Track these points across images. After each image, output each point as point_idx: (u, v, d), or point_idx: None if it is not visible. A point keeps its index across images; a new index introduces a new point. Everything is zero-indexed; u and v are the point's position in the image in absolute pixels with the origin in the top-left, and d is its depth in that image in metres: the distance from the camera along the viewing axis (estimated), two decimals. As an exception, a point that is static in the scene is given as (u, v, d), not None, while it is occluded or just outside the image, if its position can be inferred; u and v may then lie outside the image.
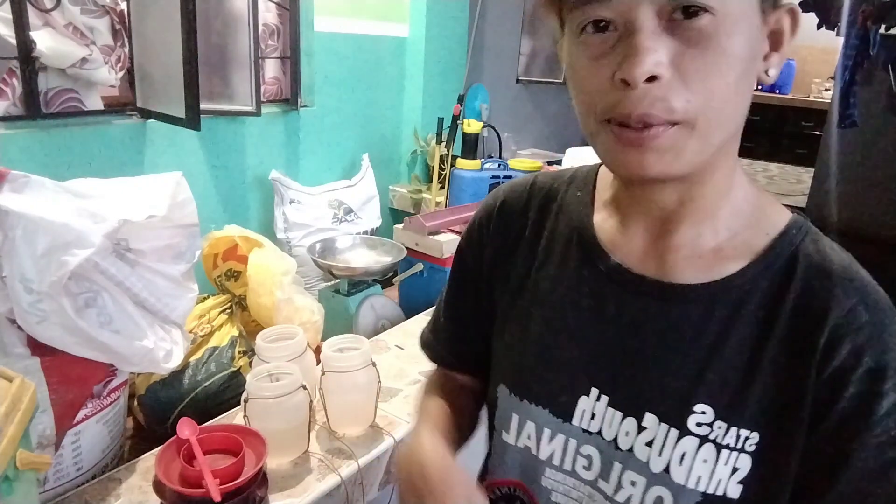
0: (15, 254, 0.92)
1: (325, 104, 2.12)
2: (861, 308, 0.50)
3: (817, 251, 0.53)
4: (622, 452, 0.56)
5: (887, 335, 0.49)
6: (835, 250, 0.53)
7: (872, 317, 0.50)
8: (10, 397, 0.71)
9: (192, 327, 1.31)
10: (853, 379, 0.49)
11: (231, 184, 1.87)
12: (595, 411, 0.58)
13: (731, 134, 0.51)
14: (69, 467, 1.02)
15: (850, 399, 0.49)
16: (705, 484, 0.53)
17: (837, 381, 0.49)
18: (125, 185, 1.11)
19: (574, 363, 0.60)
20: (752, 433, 0.52)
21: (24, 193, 0.95)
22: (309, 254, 1.73)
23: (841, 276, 0.51)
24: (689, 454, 0.53)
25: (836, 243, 0.55)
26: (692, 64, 0.45)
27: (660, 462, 0.54)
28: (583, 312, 0.60)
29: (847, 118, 4.72)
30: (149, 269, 1.08)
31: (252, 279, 1.36)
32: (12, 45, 1.39)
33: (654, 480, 0.55)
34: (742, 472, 0.52)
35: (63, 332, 0.96)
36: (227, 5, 1.75)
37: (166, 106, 1.53)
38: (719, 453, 0.52)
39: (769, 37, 0.50)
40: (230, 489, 0.90)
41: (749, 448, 0.52)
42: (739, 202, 0.55)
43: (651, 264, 0.57)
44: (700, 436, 0.53)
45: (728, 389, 0.52)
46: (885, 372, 0.49)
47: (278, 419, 1.05)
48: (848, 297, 0.50)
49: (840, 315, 0.50)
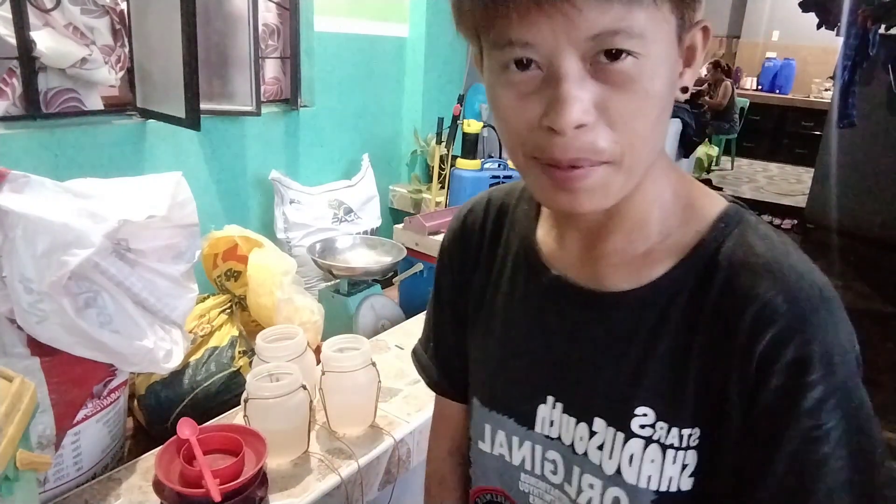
0: (15, 254, 0.92)
1: (325, 104, 2.12)
2: (780, 299, 0.48)
3: (742, 244, 0.51)
4: (579, 456, 0.58)
5: (811, 326, 0.48)
6: (766, 239, 0.52)
7: (793, 307, 0.48)
8: (10, 397, 0.71)
9: (192, 327, 1.31)
10: (776, 370, 0.48)
11: (231, 184, 1.87)
12: (553, 418, 0.60)
13: (654, 159, 0.52)
14: (69, 467, 1.02)
15: (774, 391, 0.48)
16: (657, 483, 0.53)
17: (761, 374, 0.48)
18: (125, 185, 1.11)
19: (529, 373, 0.62)
20: (694, 429, 0.52)
21: (24, 193, 0.95)
22: (309, 254, 1.73)
23: (763, 268, 0.50)
24: (636, 455, 0.54)
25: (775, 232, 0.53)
26: (617, 107, 0.45)
27: (611, 464, 0.55)
28: (532, 324, 0.62)
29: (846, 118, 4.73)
30: (149, 269, 1.08)
31: (252, 279, 1.36)
32: (12, 45, 1.39)
33: (609, 482, 0.56)
34: (691, 467, 0.53)
35: (63, 332, 0.96)
36: (227, 5, 1.75)
37: (166, 106, 1.53)
38: (665, 453, 0.53)
39: (684, 54, 0.50)
40: (230, 489, 0.90)
41: (693, 443, 0.52)
42: (669, 204, 0.55)
43: (586, 274, 0.58)
44: (644, 437, 0.54)
45: (665, 391, 0.53)
46: (808, 363, 0.47)
47: (278, 419, 1.05)
48: (767, 289, 0.49)
49: (758, 308, 0.49)
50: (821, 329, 0.48)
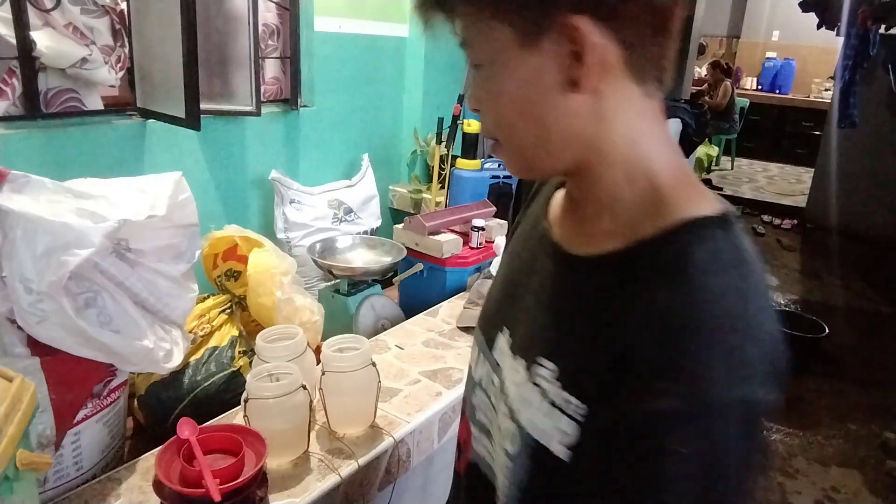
0: (15, 254, 0.92)
1: (325, 104, 2.12)
2: (674, 312, 0.48)
3: (684, 253, 0.51)
4: (504, 385, 0.64)
5: (686, 374, 0.47)
6: (716, 261, 0.50)
7: (678, 321, 0.48)
8: (10, 397, 0.71)
9: (192, 327, 1.32)
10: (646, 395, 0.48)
11: (231, 184, 1.87)
12: (501, 347, 0.67)
13: (547, 147, 0.57)
14: (69, 467, 1.02)
15: (640, 414, 0.48)
16: (539, 434, 0.56)
17: (636, 379, 0.49)
18: (125, 185, 1.11)
19: (501, 303, 0.70)
20: (582, 404, 0.53)
21: (24, 193, 0.95)
22: (309, 254, 1.73)
23: (679, 278, 0.50)
24: (531, 401, 0.58)
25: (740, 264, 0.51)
26: (486, 103, 0.58)
27: (515, 401, 0.61)
28: (521, 263, 0.70)
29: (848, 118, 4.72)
30: (149, 269, 1.08)
31: (252, 279, 1.36)
32: (12, 45, 1.39)
33: (511, 416, 0.61)
34: (571, 439, 0.53)
35: (63, 332, 0.96)
36: (227, 5, 1.75)
37: (166, 106, 1.53)
38: (552, 410, 0.55)
39: (570, 56, 0.51)
40: (230, 489, 0.90)
41: (577, 417, 0.53)
42: (642, 197, 0.56)
43: (561, 233, 0.64)
44: (540, 388, 0.57)
45: (572, 356, 0.56)
46: (667, 374, 0.47)
47: (278, 419, 1.05)
48: (668, 299, 0.49)
49: (652, 314, 0.49)
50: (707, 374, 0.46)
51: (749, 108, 8.09)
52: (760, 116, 8.40)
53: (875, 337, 3.91)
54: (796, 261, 5.24)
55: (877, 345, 3.81)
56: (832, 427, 2.93)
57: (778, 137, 8.62)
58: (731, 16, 8.88)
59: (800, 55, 8.71)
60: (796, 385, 3.30)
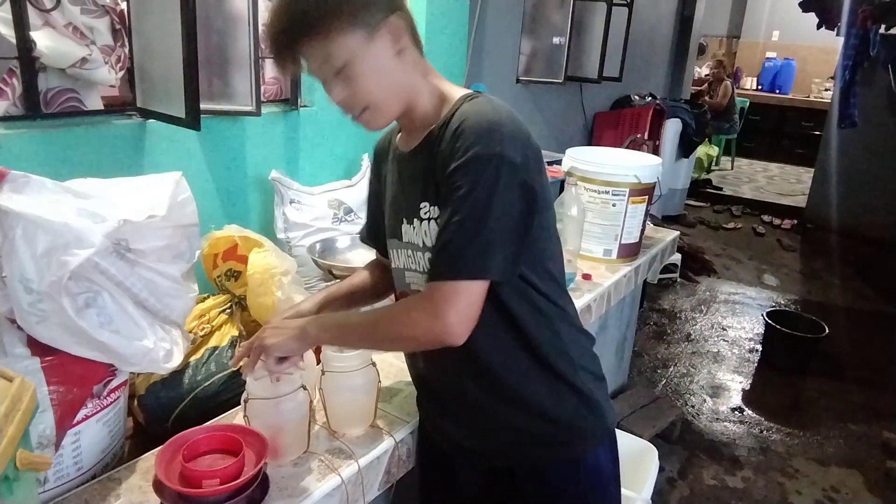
0: (15, 254, 0.92)
1: (325, 104, 2.12)
2: (457, 121, 0.93)
3: (460, 107, 0.96)
4: (411, 244, 1.03)
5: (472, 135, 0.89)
6: (475, 105, 0.94)
7: (459, 126, 0.91)
8: (10, 397, 0.71)
9: (192, 327, 1.32)
10: (451, 159, 0.90)
11: (231, 184, 1.86)
12: (405, 229, 1.04)
13: (403, 93, 0.98)
14: (69, 467, 1.02)
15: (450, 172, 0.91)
16: (430, 241, 0.98)
17: (445, 164, 0.92)
18: (125, 185, 1.11)
19: (396, 208, 1.08)
20: (433, 207, 0.98)
21: (24, 193, 0.95)
22: (309, 254, 1.73)
23: (461, 114, 0.93)
24: (424, 229, 0.99)
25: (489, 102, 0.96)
26: (352, 87, 0.94)
27: (417, 239, 1.01)
28: (394, 178, 1.09)
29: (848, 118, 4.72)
30: (149, 269, 1.08)
31: (252, 279, 1.36)
32: (12, 45, 1.39)
33: (419, 249, 1.01)
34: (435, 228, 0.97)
35: (63, 332, 0.96)
36: (227, 5, 1.75)
37: (166, 106, 1.53)
38: (430, 223, 0.98)
39: (387, 39, 0.94)
40: (230, 489, 0.90)
41: (434, 215, 0.97)
42: (435, 106, 1.01)
43: (403, 145, 1.07)
44: (425, 218, 0.99)
45: (429, 192, 0.97)
46: (467, 153, 0.88)
47: (278, 419, 1.05)
48: (455, 123, 0.93)
49: (451, 130, 0.92)
50: (479, 137, 0.88)
51: (749, 108, 8.09)
52: (760, 116, 8.40)
53: (875, 337, 3.91)
54: (796, 261, 5.24)
55: (877, 345, 3.81)
56: (832, 427, 2.93)
57: (778, 137, 8.62)
58: (731, 16, 8.88)
59: (800, 55, 8.72)
60: (796, 385, 3.31)
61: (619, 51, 3.93)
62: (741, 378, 3.34)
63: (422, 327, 0.92)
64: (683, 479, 2.52)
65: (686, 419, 2.89)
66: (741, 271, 4.86)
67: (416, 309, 0.94)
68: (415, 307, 0.95)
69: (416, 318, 0.93)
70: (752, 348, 3.64)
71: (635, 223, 2.08)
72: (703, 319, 3.97)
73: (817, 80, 8.54)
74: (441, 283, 0.90)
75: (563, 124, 4.16)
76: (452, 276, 0.89)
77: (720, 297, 4.32)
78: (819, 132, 6.51)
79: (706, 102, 6.57)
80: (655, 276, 4.18)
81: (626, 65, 4.02)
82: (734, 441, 2.79)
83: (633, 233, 2.09)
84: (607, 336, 2.56)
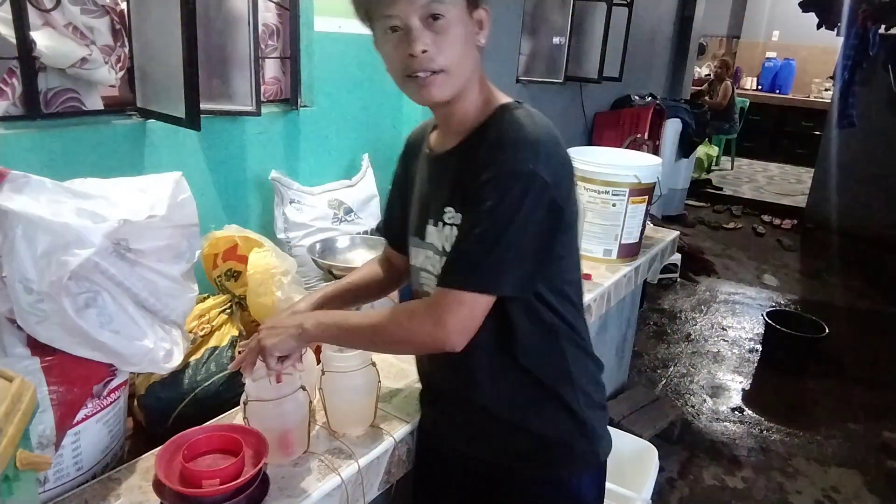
0: (15, 254, 0.92)
1: (325, 104, 2.12)
2: (495, 132, 0.95)
3: (499, 121, 0.97)
4: (433, 246, 1.04)
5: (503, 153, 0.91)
6: (513, 119, 0.95)
7: (496, 139, 0.94)
8: (10, 397, 0.71)
9: (192, 327, 1.32)
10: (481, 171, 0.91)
11: (231, 184, 1.86)
12: (429, 229, 1.04)
13: (468, 76, 0.97)
14: (69, 467, 1.02)
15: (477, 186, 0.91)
16: (449, 246, 0.98)
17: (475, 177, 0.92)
18: (125, 185, 1.11)
19: (420, 208, 1.08)
20: (457, 214, 0.98)
21: (24, 193, 0.95)
22: (309, 254, 1.73)
23: (498, 125, 0.96)
24: (447, 234, 1.00)
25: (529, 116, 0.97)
26: (439, 43, 0.91)
27: (438, 242, 1.02)
28: (423, 176, 1.09)
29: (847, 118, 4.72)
30: (149, 269, 1.08)
31: (252, 279, 1.36)
32: (12, 45, 1.39)
33: (438, 253, 1.02)
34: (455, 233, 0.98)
35: (63, 332, 0.96)
36: (227, 5, 1.75)
37: (166, 106, 1.53)
38: (453, 228, 0.98)
39: (476, 24, 0.96)
40: (230, 489, 0.90)
41: (457, 221, 0.98)
42: (478, 104, 1.01)
43: (437, 145, 1.07)
44: (449, 223, 0.99)
45: (456, 198, 0.98)
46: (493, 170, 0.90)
47: (278, 420, 1.05)
48: (492, 135, 0.95)
49: (485, 146, 0.94)
50: (515, 153, 0.90)
51: (749, 108, 8.09)
52: (760, 116, 8.40)
53: (875, 337, 3.91)
54: (796, 261, 5.24)
55: (877, 345, 3.81)
56: (832, 427, 2.93)
57: (778, 137, 8.62)
58: (731, 16, 8.87)
59: (800, 55, 8.71)
60: (796, 385, 3.31)
61: (619, 51, 3.92)
62: (741, 378, 3.34)
63: (422, 332, 0.93)
64: (683, 479, 2.52)
65: (686, 419, 2.89)
66: (741, 271, 4.86)
67: (418, 313, 0.95)
68: (418, 312, 0.95)
69: (418, 323, 0.94)
70: (751, 348, 3.64)
71: (635, 223, 2.08)
72: (702, 319, 3.97)
73: (817, 80, 8.54)
74: (449, 291, 0.91)
75: (563, 124, 4.16)
76: (461, 285, 0.91)
77: (720, 297, 4.32)
78: (819, 132, 6.51)
79: (706, 102, 6.57)
80: (655, 276, 4.18)
81: (626, 65, 4.02)
82: (734, 441, 2.79)
83: (633, 233, 2.09)
84: (607, 336, 2.56)
